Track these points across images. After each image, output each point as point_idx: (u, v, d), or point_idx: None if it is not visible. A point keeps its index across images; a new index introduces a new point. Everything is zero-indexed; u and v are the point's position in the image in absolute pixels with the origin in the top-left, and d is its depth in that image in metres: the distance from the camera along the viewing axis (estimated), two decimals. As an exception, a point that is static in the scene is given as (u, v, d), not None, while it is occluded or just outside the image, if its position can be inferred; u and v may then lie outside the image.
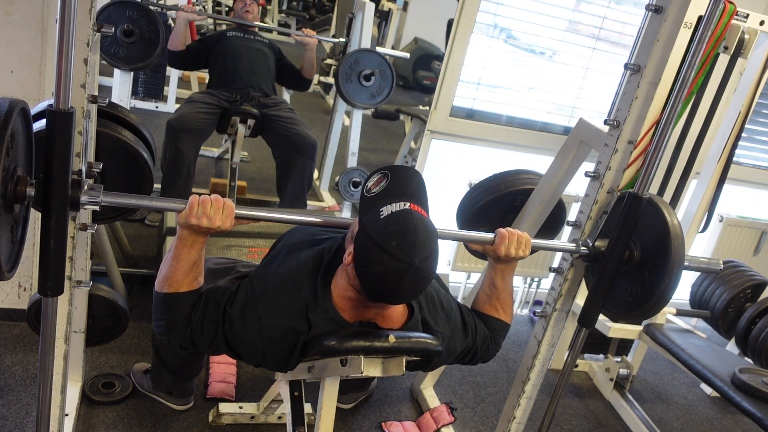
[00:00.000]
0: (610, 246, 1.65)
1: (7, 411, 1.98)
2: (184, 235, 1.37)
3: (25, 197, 1.19)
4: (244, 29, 3.43)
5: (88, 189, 1.32)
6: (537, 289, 3.34)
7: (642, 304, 1.63)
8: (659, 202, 1.62)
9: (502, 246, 1.56)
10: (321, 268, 1.46)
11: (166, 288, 1.40)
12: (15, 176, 1.16)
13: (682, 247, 1.55)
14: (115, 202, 1.37)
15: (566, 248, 1.75)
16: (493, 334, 1.66)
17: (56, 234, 1.23)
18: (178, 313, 1.41)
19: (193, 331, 1.41)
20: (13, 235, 1.22)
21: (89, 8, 1.35)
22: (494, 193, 2.03)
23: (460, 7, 2.70)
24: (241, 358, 1.48)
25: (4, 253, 1.14)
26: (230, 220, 1.37)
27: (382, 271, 1.28)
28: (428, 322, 1.51)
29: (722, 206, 2.94)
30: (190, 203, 1.34)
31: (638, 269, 1.65)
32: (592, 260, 1.72)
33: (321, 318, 1.41)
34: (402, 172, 1.40)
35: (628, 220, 1.60)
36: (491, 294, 1.66)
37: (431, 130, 2.92)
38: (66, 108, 1.17)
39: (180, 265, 1.38)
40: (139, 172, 1.72)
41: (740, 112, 2.20)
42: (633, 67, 1.64)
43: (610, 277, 1.67)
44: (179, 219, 1.36)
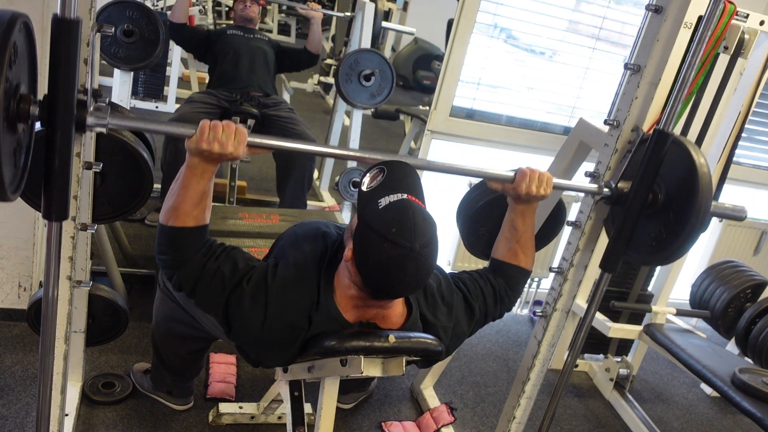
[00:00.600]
0: (634, 187, 1.59)
1: (7, 411, 1.98)
2: (194, 163, 1.33)
3: (29, 116, 1.12)
4: (244, 28, 3.44)
5: (94, 110, 1.26)
6: (537, 289, 3.34)
7: (667, 246, 1.57)
8: (685, 141, 1.57)
9: (522, 184, 1.53)
10: (324, 264, 1.46)
11: (173, 220, 1.36)
12: (18, 94, 1.11)
13: (709, 188, 1.49)
14: (122, 124, 1.31)
15: (588, 189, 1.67)
16: (509, 282, 1.64)
17: (61, 153, 1.17)
18: (185, 248, 1.37)
19: (201, 279, 1.38)
20: (16, 159, 1.16)
21: (89, 8, 1.34)
22: (494, 193, 2.02)
23: (460, 7, 2.70)
24: (229, 334, 1.45)
25: (7, 175, 1.08)
26: (242, 147, 1.32)
27: (383, 259, 1.28)
28: (428, 319, 1.51)
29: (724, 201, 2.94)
30: (201, 127, 1.29)
31: (662, 211, 1.59)
32: (615, 202, 1.66)
33: (322, 316, 1.41)
34: (398, 167, 1.41)
35: (653, 158, 1.54)
36: (511, 237, 1.64)
37: (431, 130, 2.92)
38: (71, 16, 1.09)
39: (188, 194, 1.34)
40: (139, 172, 1.72)
41: (740, 112, 2.20)
42: (633, 67, 1.64)
43: (633, 219, 1.60)
44: (189, 144, 1.31)
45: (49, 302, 1.32)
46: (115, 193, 1.74)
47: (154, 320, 1.97)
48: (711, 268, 2.61)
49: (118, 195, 1.74)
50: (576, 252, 1.79)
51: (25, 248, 2.27)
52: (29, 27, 1.12)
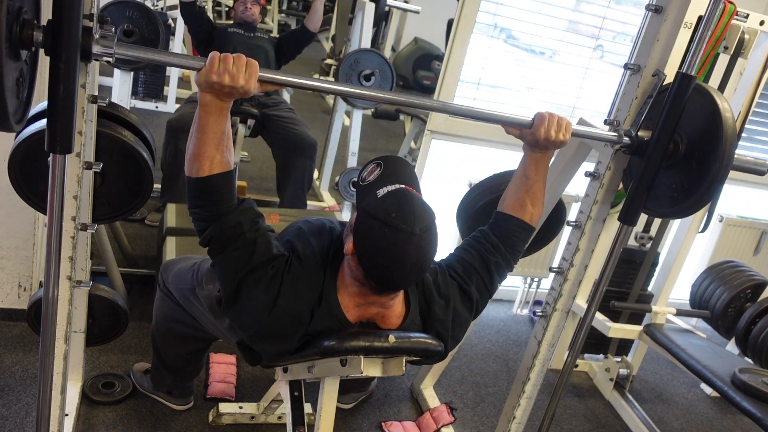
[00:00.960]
0: (655, 134, 1.54)
1: (7, 411, 1.98)
2: (207, 100, 1.29)
3: (32, 42, 1.09)
4: (245, 26, 3.44)
5: (100, 38, 1.22)
6: (537, 289, 3.34)
7: (688, 197, 1.53)
8: (707, 87, 1.53)
9: (542, 127, 1.49)
10: (329, 259, 1.46)
11: (197, 169, 1.33)
12: (21, 18, 1.07)
13: (734, 132, 1.44)
14: (129, 54, 1.28)
15: (607, 137, 1.63)
16: (510, 237, 1.58)
17: (66, 80, 1.13)
18: (218, 198, 1.35)
19: (234, 242, 1.36)
20: (19, 90, 1.14)
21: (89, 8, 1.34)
22: (494, 193, 2.03)
23: (460, 7, 2.69)
24: (230, 308, 1.43)
25: (10, 105, 1.06)
26: (254, 80, 1.29)
27: (384, 245, 1.29)
28: (425, 316, 1.51)
29: (722, 206, 2.95)
30: (210, 58, 1.26)
31: (684, 161, 1.55)
32: (635, 152, 1.60)
33: (324, 312, 1.41)
34: (394, 161, 1.43)
35: (675, 104, 1.49)
36: (521, 186, 1.58)
37: (431, 130, 2.92)
38: None
39: (208, 136, 1.32)
40: (139, 172, 1.72)
41: (740, 112, 2.20)
42: (633, 67, 1.64)
43: (654, 168, 1.55)
44: (199, 78, 1.27)
45: (49, 302, 1.32)
46: (115, 193, 1.74)
47: (154, 320, 1.97)
48: (711, 268, 2.61)
49: (118, 195, 1.74)
50: (576, 252, 1.79)
51: (25, 248, 2.27)
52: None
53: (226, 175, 1.36)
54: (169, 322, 1.92)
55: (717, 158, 1.45)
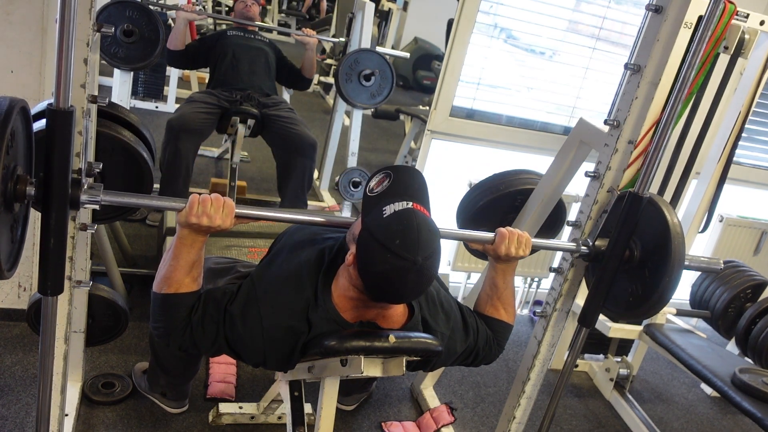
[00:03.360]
0: (611, 245, 1.65)
1: (7, 411, 1.98)
2: (184, 234, 1.37)
3: (25, 196, 1.19)
4: (244, 29, 3.44)
5: (88, 188, 1.31)
6: (537, 289, 3.34)
7: (642, 303, 1.63)
8: (659, 201, 1.62)
9: (502, 245, 1.56)
10: (322, 267, 1.46)
11: (165, 288, 1.39)
12: (15, 175, 1.16)
13: (682, 247, 1.55)
14: (115, 201, 1.37)
15: (566, 248, 1.75)
16: (495, 335, 1.66)
17: (56, 233, 1.23)
18: (177, 314, 1.40)
19: (194, 332, 1.41)
20: (13, 234, 1.22)
21: (89, 8, 1.34)
22: (494, 193, 2.03)
23: (460, 7, 2.69)
24: (242, 359, 1.48)
25: (3, 253, 1.14)
26: (230, 219, 1.37)
27: (385, 270, 1.29)
28: (428, 321, 1.51)
29: (722, 206, 2.94)
30: (190, 202, 1.34)
31: (639, 268, 1.65)
32: (593, 260, 1.72)
33: (321, 318, 1.41)
34: (404, 173, 1.41)
35: (629, 219, 1.60)
36: (492, 294, 1.66)
37: (431, 130, 2.92)
38: (66, 107, 1.17)
39: (180, 264, 1.38)
40: (139, 172, 1.72)
41: (740, 112, 2.20)
42: (633, 67, 1.64)
43: (610, 276, 1.67)
44: (179, 218, 1.36)
45: (49, 302, 1.32)
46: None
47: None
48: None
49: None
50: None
51: (25, 248, 2.26)
52: (26, 111, 1.19)
53: (191, 295, 1.41)
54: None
55: (666, 272, 1.55)
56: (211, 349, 1.46)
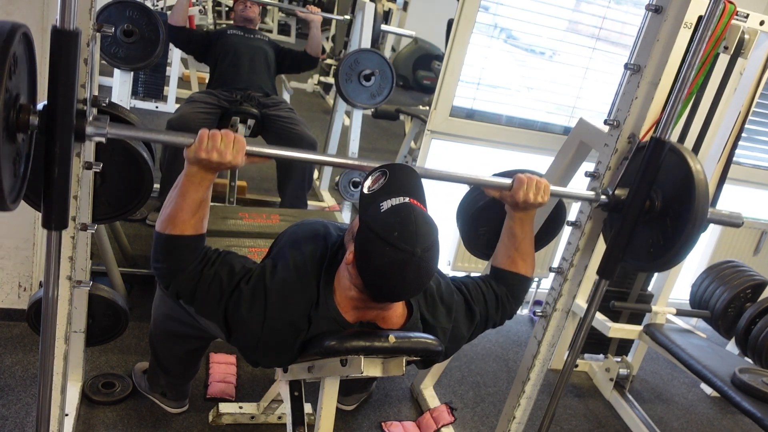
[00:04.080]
0: (631, 193, 1.60)
1: (7, 411, 1.98)
2: (193, 172, 1.33)
3: (29, 126, 1.13)
4: (244, 28, 3.44)
5: (93, 120, 1.26)
6: (537, 289, 3.34)
7: (664, 253, 1.58)
8: (681, 148, 1.57)
9: (520, 191, 1.53)
10: (324, 265, 1.46)
11: (170, 229, 1.35)
12: (18, 104, 1.11)
13: (706, 194, 1.50)
14: (121, 134, 1.32)
15: (586, 196, 1.69)
16: (510, 290, 1.64)
17: (60, 163, 1.17)
18: (182, 256, 1.37)
19: (199, 285, 1.38)
20: (16, 168, 1.16)
21: (89, 8, 1.34)
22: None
23: (460, 7, 2.70)
24: (230, 338, 1.46)
25: (6, 184, 1.08)
26: (241, 156, 1.32)
27: (384, 263, 1.28)
28: (428, 320, 1.51)
29: (722, 206, 2.94)
30: (199, 136, 1.30)
31: (660, 218, 1.60)
32: (612, 209, 1.67)
33: (322, 317, 1.41)
34: (400, 170, 1.41)
35: (650, 165, 1.55)
36: (510, 245, 1.63)
37: (431, 130, 2.92)
38: (71, 28, 1.11)
39: (186, 203, 1.34)
40: (139, 172, 1.72)
41: (740, 112, 2.20)
42: (633, 67, 1.64)
43: (630, 226, 1.61)
44: (188, 153, 1.31)
45: (49, 302, 1.32)
46: (115, 193, 1.74)
47: (153, 318, 1.97)
48: (711, 268, 2.61)
49: (118, 195, 1.74)
50: (576, 252, 1.79)
51: (25, 248, 2.27)
52: (29, 37, 1.13)
53: (197, 238, 1.38)
54: (168, 320, 1.92)
55: (690, 219, 1.50)
56: (204, 311, 1.42)
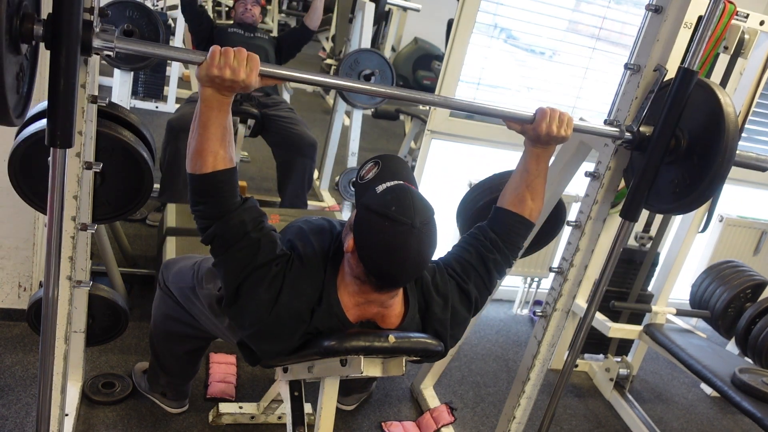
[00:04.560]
0: (657, 129, 1.53)
1: (7, 411, 1.98)
2: (208, 95, 1.28)
3: (33, 36, 1.09)
4: (244, 26, 3.44)
5: (100, 32, 1.21)
6: (537, 289, 3.34)
7: (691, 192, 1.52)
8: (709, 82, 1.53)
9: (543, 123, 1.47)
10: (329, 259, 1.47)
11: (200, 166, 1.32)
12: (21, 12, 1.07)
13: (736, 126, 1.44)
14: (129, 48, 1.27)
15: (609, 133, 1.61)
16: (509, 233, 1.59)
17: (66, 75, 1.12)
18: (222, 195, 1.35)
19: (239, 241, 1.36)
20: (19, 85, 1.13)
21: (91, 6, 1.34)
22: (494, 193, 2.02)
23: (460, 7, 2.69)
24: (231, 307, 1.43)
25: (11, 99, 1.05)
26: (255, 75, 1.26)
27: (385, 239, 1.30)
28: (425, 315, 1.51)
29: (722, 206, 2.94)
30: (211, 52, 1.24)
31: (686, 157, 1.54)
32: (637, 147, 1.59)
33: (324, 311, 1.42)
34: (391, 159, 1.45)
35: (677, 99, 1.48)
36: (521, 181, 1.58)
37: (431, 130, 2.92)
38: None
39: (210, 131, 1.31)
40: (139, 172, 1.72)
41: (740, 112, 2.20)
42: (633, 67, 1.64)
43: (656, 163, 1.55)
44: (200, 72, 1.26)
45: (49, 302, 1.32)
46: (115, 193, 1.74)
47: (153, 319, 1.97)
48: (711, 268, 2.61)
49: (118, 195, 1.75)
50: (576, 252, 1.79)
51: (25, 248, 2.27)
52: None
53: (229, 171, 1.36)
54: (168, 320, 1.92)
55: (719, 153, 1.44)
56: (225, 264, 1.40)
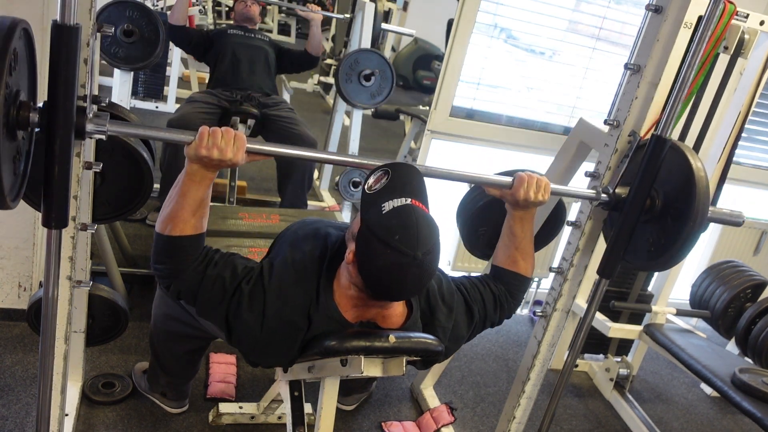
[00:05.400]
0: (632, 192, 1.60)
1: (7, 411, 1.98)
2: (194, 170, 1.33)
3: (29, 123, 1.13)
4: (244, 27, 3.44)
5: (93, 116, 1.26)
6: (537, 289, 3.34)
7: (664, 252, 1.58)
8: (682, 146, 1.57)
9: (521, 189, 1.53)
10: (324, 263, 1.46)
11: (170, 229, 1.35)
12: (18, 101, 1.11)
13: (707, 193, 1.50)
14: (121, 131, 1.32)
15: (586, 195, 1.68)
16: (510, 289, 1.64)
17: (61, 161, 1.17)
18: (183, 256, 1.37)
19: (202, 285, 1.38)
20: (16, 167, 1.16)
21: (89, 8, 1.34)
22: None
23: (460, 7, 2.69)
24: (230, 339, 1.45)
25: (6, 183, 1.08)
26: (242, 153, 1.32)
27: (384, 265, 1.29)
28: (428, 319, 1.51)
29: (722, 206, 2.93)
30: (200, 133, 1.30)
31: (660, 217, 1.59)
32: (613, 208, 1.66)
33: (322, 316, 1.41)
34: (402, 169, 1.41)
35: (651, 163, 1.54)
36: (510, 244, 1.63)
37: (431, 130, 2.92)
38: (71, 23, 1.11)
39: (187, 202, 1.34)
40: (139, 172, 1.72)
41: (740, 112, 2.20)
42: (633, 67, 1.64)
43: (631, 225, 1.61)
44: (188, 151, 1.31)
45: (49, 302, 1.32)
46: (115, 193, 1.74)
47: (153, 318, 1.97)
48: (711, 268, 2.61)
49: (118, 195, 1.74)
50: (576, 252, 1.79)
51: (25, 248, 2.27)
52: (29, 33, 1.13)
53: (196, 237, 1.38)
54: (168, 320, 1.92)
55: (691, 218, 1.50)
56: (205, 310, 1.42)
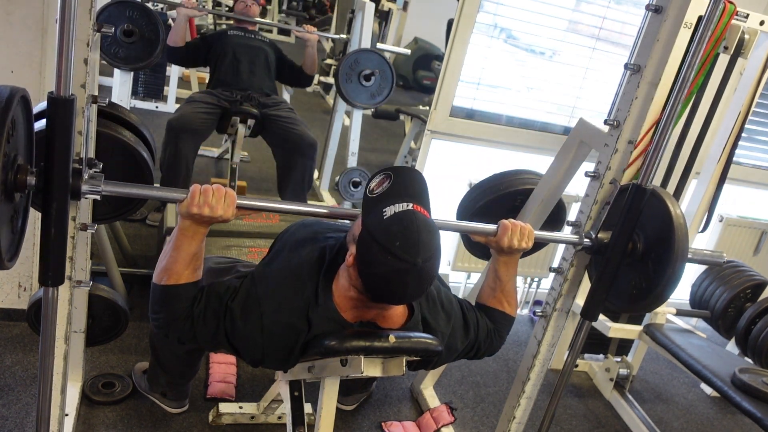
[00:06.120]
0: (614, 237, 1.64)
1: (7, 411, 1.98)
2: (186, 226, 1.37)
3: (26, 186, 1.17)
4: (244, 28, 3.43)
5: (89, 178, 1.31)
6: (537, 289, 3.34)
7: (646, 296, 1.62)
8: (662, 193, 1.62)
9: (504, 237, 1.56)
10: (323, 266, 1.46)
11: (166, 280, 1.39)
12: (15, 165, 1.15)
13: (685, 238, 1.55)
14: (115, 191, 1.37)
15: (569, 240, 1.74)
16: (497, 326, 1.66)
17: (57, 223, 1.22)
18: (177, 305, 1.40)
19: (195, 324, 1.41)
20: (14, 225, 1.21)
21: (89, 8, 1.34)
22: (494, 193, 2.03)
23: (460, 7, 2.70)
24: (240, 354, 1.48)
25: (4, 243, 1.13)
26: (232, 210, 1.37)
27: (385, 271, 1.29)
28: (428, 321, 1.51)
29: (722, 206, 2.94)
30: (191, 192, 1.34)
31: (642, 261, 1.64)
32: (596, 252, 1.71)
33: (321, 317, 1.41)
34: (405, 174, 1.41)
35: (632, 210, 1.59)
36: (495, 287, 1.66)
37: (431, 130, 2.92)
38: (67, 95, 1.16)
39: (180, 256, 1.38)
40: (139, 172, 1.72)
41: (740, 112, 2.20)
42: (633, 67, 1.64)
43: (613, 269, 1.66)
44: (180, 208, 1.36)
45: (49, 302, 1.32)
46: (115, 193, 1.74)
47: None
48: (711, 268, 2.61)
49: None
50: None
51: (25, 248, 2.25)
52: (27, 100, 1.18)
53: (190, 285, 1.41)
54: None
55: (670, 264, 1.55)
56: (210, 343, 1.45)
